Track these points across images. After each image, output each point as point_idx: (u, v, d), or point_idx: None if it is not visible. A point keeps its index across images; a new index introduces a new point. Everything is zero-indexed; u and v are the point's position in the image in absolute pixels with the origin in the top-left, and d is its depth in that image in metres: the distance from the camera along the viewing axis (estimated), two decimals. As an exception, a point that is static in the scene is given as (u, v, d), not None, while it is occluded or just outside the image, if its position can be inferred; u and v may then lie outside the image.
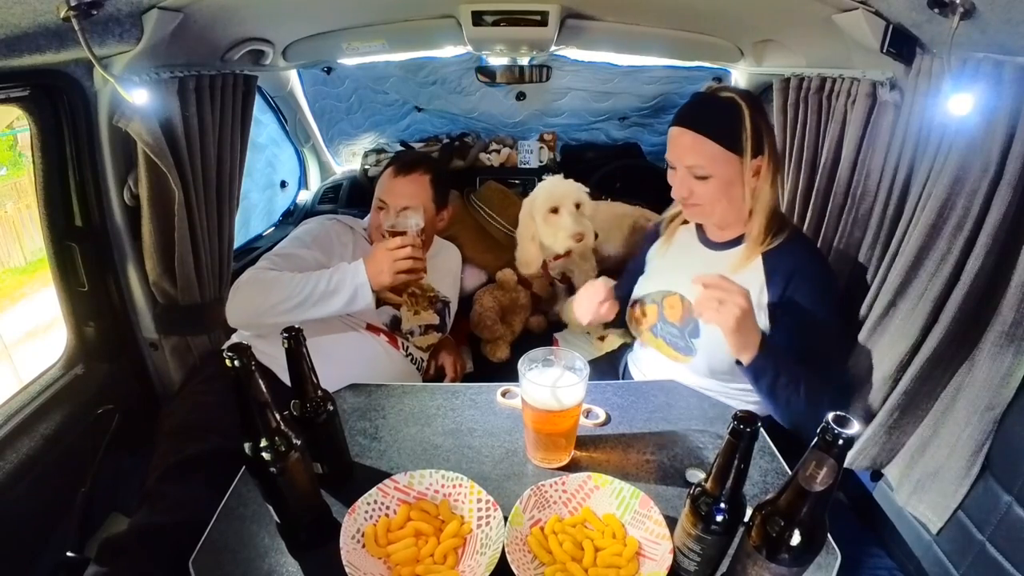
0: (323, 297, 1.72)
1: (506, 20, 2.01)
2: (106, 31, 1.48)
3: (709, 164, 1.44)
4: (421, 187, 2.08)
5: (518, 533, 1.06)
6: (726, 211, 1.52)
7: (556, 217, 2.23)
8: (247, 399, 0.93)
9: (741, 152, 1.42)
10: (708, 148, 1.43)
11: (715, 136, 1.42)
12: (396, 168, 2.09)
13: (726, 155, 1.43)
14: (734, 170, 1.44)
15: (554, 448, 1.27)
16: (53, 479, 1.60)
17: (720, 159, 1.43)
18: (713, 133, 1.42)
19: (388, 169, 2.11)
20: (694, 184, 1.48)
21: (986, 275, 1.29)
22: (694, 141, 1.44)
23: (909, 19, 1.37)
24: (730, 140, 1.42)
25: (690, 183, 1.48)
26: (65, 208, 1.77)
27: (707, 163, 1.44)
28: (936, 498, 1.38)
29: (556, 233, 2.23)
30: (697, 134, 1.43)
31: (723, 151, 1.42)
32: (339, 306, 1.73)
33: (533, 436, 1.26)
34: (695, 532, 0.94)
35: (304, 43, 2.27)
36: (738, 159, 1.43)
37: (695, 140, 1.44)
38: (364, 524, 1.09)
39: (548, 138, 3.29)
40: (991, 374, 1.28)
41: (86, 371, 1.86)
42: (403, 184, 2.06)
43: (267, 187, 3.13)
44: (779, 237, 1.50)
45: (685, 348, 1.61)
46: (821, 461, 0.77)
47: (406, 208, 1.91)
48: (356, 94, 3.19)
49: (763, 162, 1.45)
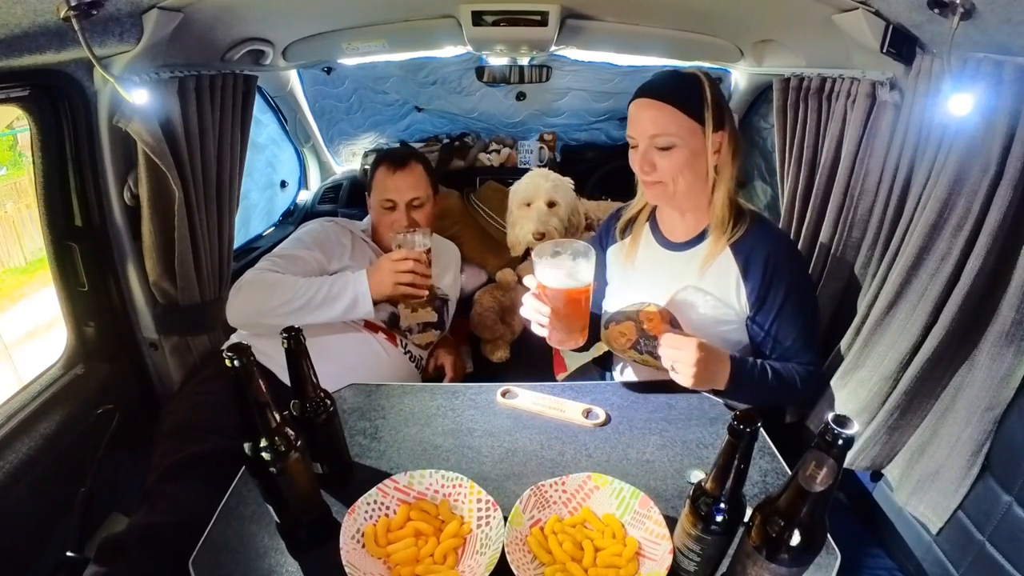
0: (324, 302, 1.76)
1: (506, 20, 2.01)
2: (106, 31, 1.48)
3: (674, 132, 1.41)
4: (420, 177, 2.10)
5: (518, 533, 1.06)
6: (688, 189, 1.47)
7: (527, 211, 2.26)
8: (247, 399, 0.93)
9: (703, 122, 1.41)
10: (672, 116, 1.40)
11: (678, 104, 1.40)
12: (390, 165, 2.09)
13: (690, 124, 1.40)
14: (698, 141, 1.42)
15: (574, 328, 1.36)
16: (53, 479, 1.60)
17: (685, 128, 1.40)
18: (676, 101, 1.40)
19: (381, 168, 2.10)
20: (656, 157, 1.44)
21: (986, 275, 1.29)
22: (658, 111, 1.41)
23: (909, 19, 1.37)
24: (693, 109, 1.40)
25: (652, 156, 1.44)
26: (65, 208, 1.77)
27: (671, 131, 1.41)
28: (936, 498, 1.38)
29: (524, 227, 2.25)
30: (661, 103, 1.41)
31: (687, 120, 1.40)
32: (339, 312, 1.78)
33: (554, 320, 1.35)
34: (695, 532, 0.94)
35: (304, 43, 2.27)
36: (701, 129, 1.41)
37: (659, 109, 1.41)
38: (364, 524, 1.09)
39: (548, 138, 3.28)
40: (991, 374, 1.28)
41: (86, 371, 1.86)
42: (404, 178, 2.07)
43: (267, 187, 3.13)
44: (742, 225, 1.49)
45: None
46: (821, 461, 0.77)
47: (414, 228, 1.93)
48: (356, 94, 3.18)
49: (723, 139, 1.44)
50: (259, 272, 1.81)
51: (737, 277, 1.49)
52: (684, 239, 1.58)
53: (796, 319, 1.48)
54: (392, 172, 2.07)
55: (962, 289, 1.31)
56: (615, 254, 1.73)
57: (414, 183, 2.07)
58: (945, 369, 1.41)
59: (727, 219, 1.49)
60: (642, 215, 1.68)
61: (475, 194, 2.82)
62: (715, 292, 1.51)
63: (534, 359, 2.38)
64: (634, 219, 1.69)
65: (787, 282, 1.46)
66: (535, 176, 2.32)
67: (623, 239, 1.71)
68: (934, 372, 1.41)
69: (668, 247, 1.61)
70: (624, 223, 1.71)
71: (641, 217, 1.68)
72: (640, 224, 1.68)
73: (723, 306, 1.51)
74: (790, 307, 1.47)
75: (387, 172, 2.08)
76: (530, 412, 1.46)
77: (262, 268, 1.83)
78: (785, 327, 1.49)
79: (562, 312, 1.32)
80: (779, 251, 1.48)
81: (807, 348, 1.52)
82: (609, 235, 1.76)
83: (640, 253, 1.66)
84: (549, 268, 1.29)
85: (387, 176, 2.07)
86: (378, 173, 2.11)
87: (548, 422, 1.43)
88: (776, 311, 1.48)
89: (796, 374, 1.49)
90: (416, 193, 2.07)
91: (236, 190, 2.09)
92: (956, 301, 1.32)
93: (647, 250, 1.65)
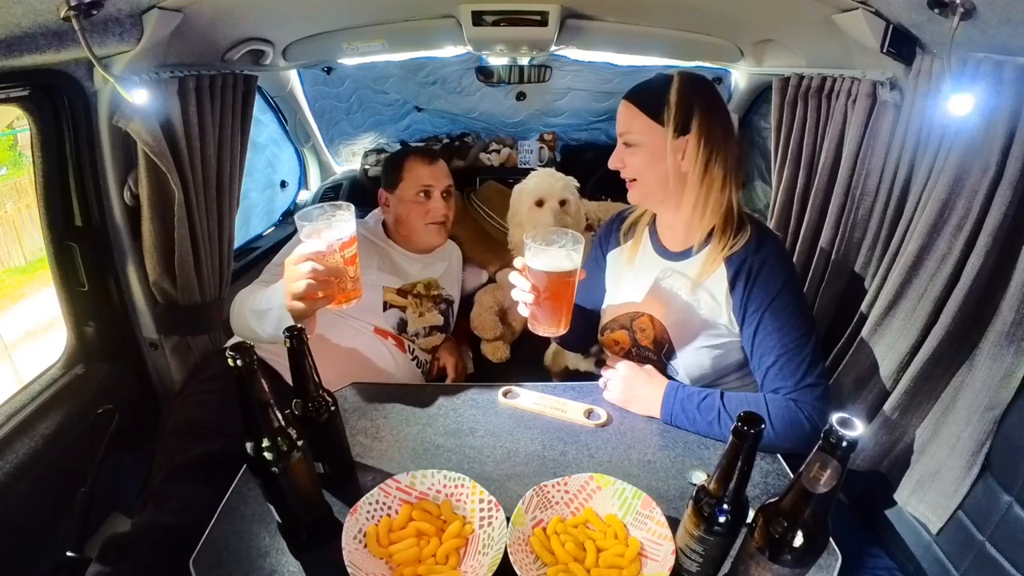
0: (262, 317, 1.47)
1: (506, 20, 2.01)
2: (106, 31, 1.47)
3: (634, 130, 1.41)
4: (447, 170, 2.22)
5: (520, 534, 1.05)
6: (656, 190, 1.45)
7: (539, 211, 2.26)
8: (249, 398, 0.93)
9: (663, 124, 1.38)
10: (633, 113, 1.41)
11: (639, 103, 1.41)
12: (424, 155, 2.19)
13: (650, 124, 1.39)
14: (657, 142, 1.39)
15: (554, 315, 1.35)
16: (53, 479, 1.60)
17: (643, 127, 1.40)
18: (637, 100, 1.41)
19: (414, 159, 2.16)
20: (624, 154, 1.45)
21: (986, 275, 1.29)
22: (625, 108, 1.43)
23: (909, 19, 1.37)
24: (651, 109, 1.39)
25: (622, 152, 1.46)
26: (65, 208, 1.77)
27: (633, 128, 1.42)
28: (936, 498, 1.38)
29: (536, 227, 2.24)
30: (628, 102, 1.43)
31: (647, 120, 1.39)
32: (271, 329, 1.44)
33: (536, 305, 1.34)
34: (698, 533, 0.94)
35: (304, 43, 2.27)
36: (662, 131, 1.39)
37: (626, 107, 1.43)
38: (366, 524, 1.09)
39: (548, 138, 3.29)
40: (991, 374, 1.28)
41: (86, 371, 1.86)
42: (439, 168, 2.18)
43: (267, 187, 3.13)
44: (742, 236, 1.42)
45: (665, 371, 1.55)
46: (825, 463, 0.77)
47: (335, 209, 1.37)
48: (356, 94, 3.19)
49: (690, 143, 1.37)
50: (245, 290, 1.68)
51: (726, 291, 1.42)
52: (680, 248, 1.53)
53: (778, 333, 1.35)
54: (428, 162, 2.16)
55: (962, 289, 1.31)
56: (615, 258, 1.70)
57: (447, 173, 2.21)
58: (945, 369, 1.41)
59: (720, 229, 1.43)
60: (643, 220, 1.65)
61: (475, 194, 2.83)
62: (707, 306, 1.45)
63: (535, 359, 2.38)
64: (637, 223, 1.67)
65: (767, 291, 1.37)
66: (545, 175, 2.31)
67: (625, 243, 1.68)
68: (934, 372, 1.41)
69: (665, 256, 1.56)
70: (627, 226, 1.69)
71: (642, 222, 1.65)
72: (641, 229, 1.65)
73: (713, 321, 1.45)
74: (770, 319, 1.36)
75: (422, 162, 2.15)
76: (532, 412, 1.46)
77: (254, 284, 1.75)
78: (767, 342, 1.37)
79: (542, 296, 1.32)
80: (765, 258, 1.39)
81: (794, 371, 1.34)
82: (610, 239, 1.73)
83: (639, 259, 1.62)
84: (538, 252, 1.29)
85: (422, 165, 2.14)
86: (410, 164, 2.15)
87: (550, 422, 1.43)
88: (756, 323, 1.38)
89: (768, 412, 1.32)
90: (449, 181, 2.20)
91: (236, 190, 2.08)
92: (956, 301, 1.33)
93: (645, 257, 1.61)
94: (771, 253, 1.40)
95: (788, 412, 1.31)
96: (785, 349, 1.35)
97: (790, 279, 1.39)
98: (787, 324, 1.35)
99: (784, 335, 1.35)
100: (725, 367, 1.49)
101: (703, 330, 1.46)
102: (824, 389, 1.34)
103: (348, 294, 1.37)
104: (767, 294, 1.36)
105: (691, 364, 1.49)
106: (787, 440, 1.30)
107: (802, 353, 1.34)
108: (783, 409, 1.31)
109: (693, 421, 1.37)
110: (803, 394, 1.32)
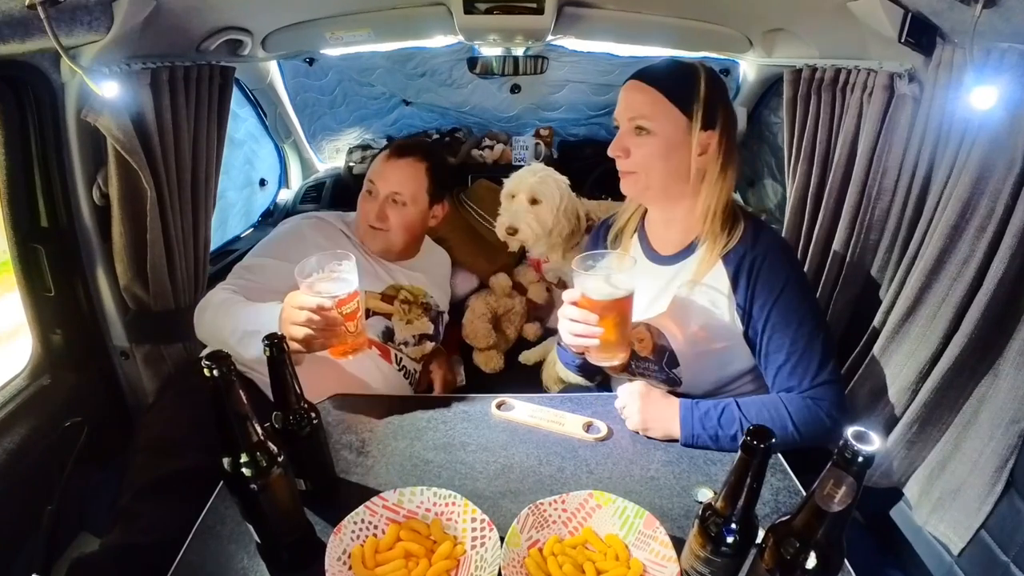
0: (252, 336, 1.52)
1: (500, 7, 2.00)
2: (74, 20, 1.47)
3: (653, 116, 1.37)
4: (416, 173, 2.04)
5: (515, 555, 1.05)
6: (662, 185, 1.43)
7: (509, 203, 2.25)
8: (226, 411, 0.92)
9: (690, 116, 1.37)
10: (655, 100, 1.38)
11: (665, 89, 1.37)
12: (392, 150, 2.06)
13: (674, 112, 1.37)
14: (679, 132, 1.38)
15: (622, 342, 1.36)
16: (18, 496, 1.59)
17: (666, 114, 1.37)
18: (664, 87, 1.37)
19: (387, 151, 2.08)
20: (632, 141, 1.41)
21: (1011, 279, 1.30)
22: (642, 93, 1.39)
23: (929, 7, 1.38)
24: (680, 98, 1.37)
25: (628, 139, 1.41)
26: (30, 208, 1.76)
27: (651, 114, 1.37)
28: (957, 516, 1.38)
29: (502, 219, 2.25)
30: (648, 85, 1.39)
31: (671, 106, 1.37)
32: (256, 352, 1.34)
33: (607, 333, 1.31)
34: (704, 554, 0.94)
35: (284, 32, 2.27)
36: (686, 122, 1.37)
37: (643, 92, 1.39)
38: (351, 544, 1.08)
39: (544, 133, 3.29)
40: (1016, 385, 1.28)
41: (53, 381, 1.84)
42: (396, 167, 2.02)
43: (245, 186, 3.12)
44: (736, 232, 1.43)
45: (669, 379, 1.56)
46: (840, 480, 0.76)
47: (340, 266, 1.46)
48: (340, 87, 3.18)
49: (713, 140, 1.39)
50: (214, 293, 1.72)
51: (728, 290, 1.43)
52: (672, 252, 1.53)
53: (788, 329, 1.37)
54: (387, 157, 2.05)
55: (985, 294, 1.32)
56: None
57: (403, 177, 2.01)
58: (967, 379, 1.41)
59: (718, 230, 1.44)
60: (629, 227, 1.65)
61: (466, 193, 2.80)
62: (707, 307, 1.45)
63: (530, 369, 2.37)
64: (622, 232, 1.66)
65: (772, 286, 1.38)
66: (529, 171, 2.29)
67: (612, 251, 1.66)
68: (956, 382, 1.41)
69: (657, 261, 1.56)
70: (613, 234, 1.68)
71: (629, 228, 1.65)
72: (628, 235, 1.65)
73: (715, 323, 1.45)
74: (777, 315, 1.38)
75: (383, 155, 2.07)
76: (527, 425, 1.46)
77: (222, 286, 1.76)
78: (776, 339, 1.39)
79: (609, 324, 1.30)
80: (767, 254, 1.40)
81: (808, 368, 1.37)
82: (597, 247, 1.72)
83: None
84: (591, 279, 1.28)
85: (382, 160, 2.05)
86: (381, 156, 2.09)
87: (546, 436, 1.43)
88: (764, 321, 1.40)
89: (788, 414, 1.35)
90: (400, 188, 1.99)
91: (212, 189, 2.08)
92: (979, 307, 1.33)
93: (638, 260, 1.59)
94: (770, 245, 1.42)
95: (808, 412, 1.35)
96: (796, 346, 1.37)
97: (794, 271, 1.42)
98: (796, 319, 1.38)
99: (794, 331, 1.37)
100: (731, 372, 1.51)
101: (704, 332, 1.47)
102: (839, 383, 1.39)
103: (349, 346, 1.45)
104: (772, 289, 1.38)
105: (695, 370, 1.50)
106: (810, 441, 1.35)
107: (814, 349, 1.37)
108: (802, 409, 1.35)
109: (716, 439, 1.36)
110: (819, 391, 1.36)
